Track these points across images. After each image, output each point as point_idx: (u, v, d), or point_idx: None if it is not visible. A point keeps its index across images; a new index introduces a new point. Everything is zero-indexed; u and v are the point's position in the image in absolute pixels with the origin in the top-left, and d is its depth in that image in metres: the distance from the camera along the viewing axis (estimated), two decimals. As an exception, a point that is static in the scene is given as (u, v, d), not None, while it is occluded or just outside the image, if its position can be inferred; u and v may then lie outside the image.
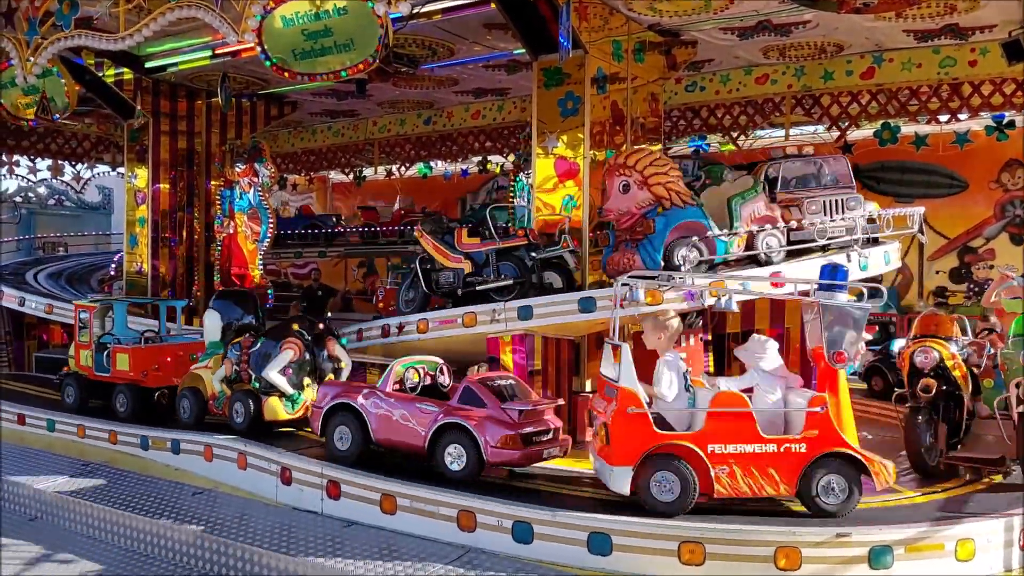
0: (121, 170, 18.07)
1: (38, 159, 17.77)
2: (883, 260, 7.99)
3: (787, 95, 12.52)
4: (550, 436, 6.47)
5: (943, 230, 13.22)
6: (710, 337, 9.00)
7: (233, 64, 11.83)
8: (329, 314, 16.40)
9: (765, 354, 5.96)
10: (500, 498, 5.69)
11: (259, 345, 8.14)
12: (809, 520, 5.29)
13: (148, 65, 12.37)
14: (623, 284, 6.42)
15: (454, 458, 6.32)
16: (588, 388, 8.51)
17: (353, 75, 7.88)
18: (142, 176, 13.07)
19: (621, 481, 5.45)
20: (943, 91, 11.43)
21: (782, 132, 13.50)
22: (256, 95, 13.98)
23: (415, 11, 6.87)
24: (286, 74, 8.06)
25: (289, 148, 18.12)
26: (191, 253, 13.54)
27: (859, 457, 5.37)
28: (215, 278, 13.10)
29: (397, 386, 7.01)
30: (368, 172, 18.65)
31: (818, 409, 5.42)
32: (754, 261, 7.64)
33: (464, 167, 17.65)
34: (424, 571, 5.38)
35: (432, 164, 18.03)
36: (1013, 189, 12.96)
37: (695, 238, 7.36)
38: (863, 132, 12.98)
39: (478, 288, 8.50)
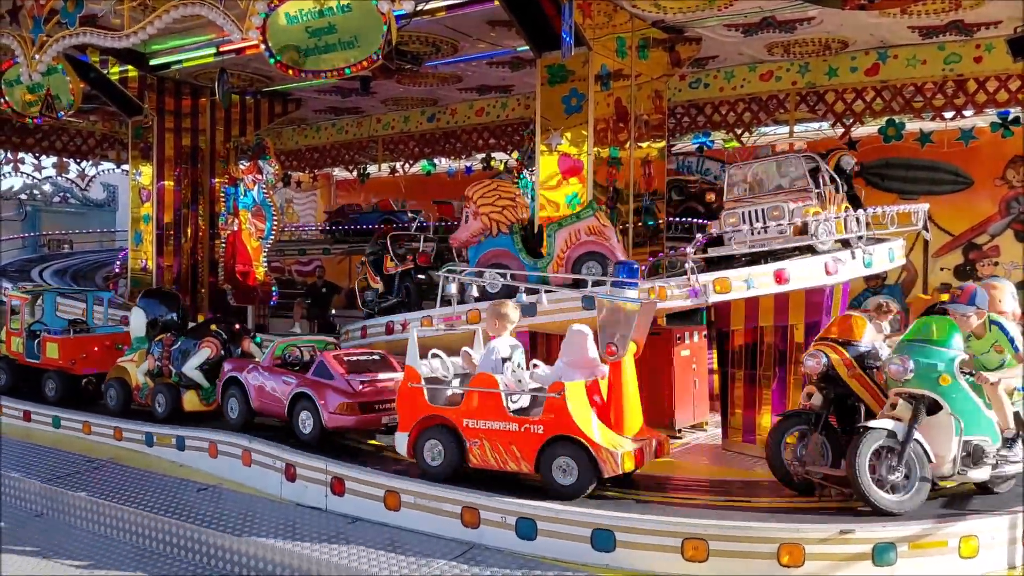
0: (126, 167, 18.14)
1: (43, 156, 17.83)
2: (887, 257, 7.97)
3: (791, 92, 12.50)
4: (391, 405, 7.05)
5: (948, 227, 13.18)
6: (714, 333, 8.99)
7: (237, 61, 11.85)
8: (334, 311, 16.47)
9: (572, 346, 6.14)
10: (504, 494, 5.69)
11: (179, 343, 8.81)
12: (814, 517, 5.29)
13: (153, 63, 12.41)
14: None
15: (303, 422, 7.22)
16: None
17: (357, 72, 7.88)
18: (147, 173, 13.10)
19: (401, 445, 6.32)
20: (948, 87, 11.40)
21: (786, 129, 13.52)
22: (260, 92, 14.00)
23: (419, 8, 6.86)
24: (290, 71, 8.08)
25: (293, 145, 18.14)
26: (196, 250, 13.57)
27: (586, 443, 5.65)
28: (219, 275, 13.20)
29: (278, 362, 7.95)
30: (372, 169, 18.66)
31: (555, 395, 5.74)
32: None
33: (468, 164, 17.64)
34: (428, 567, 5.40)
35: (436, 161, 18.03)
36: (1018, 186, 12.92)
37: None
38: (868, 129, 12.92)
39: (383, 306, 10.04)
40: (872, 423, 5.42)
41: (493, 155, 16.66)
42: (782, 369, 8.05)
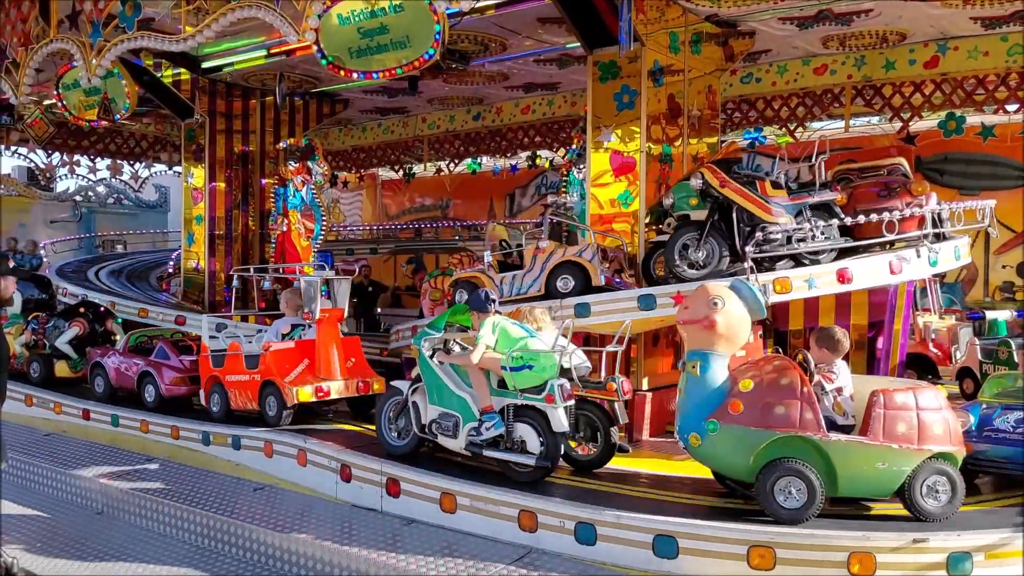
0: (178, 169, 18.46)
1: (98, 159, 18.21)
2: (953, 255, 7.70)
3: (847, 85, 12.21)
4: None
5: (1011, 223, 12.76)
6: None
7: (287, 63, 11.95)
8: (379, 310, 16.55)
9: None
10: (563, 498, 5.61)
11: (53, 321, 11.00)
12: (885, 524, 5.12)
13: (204, 65, 12.57)
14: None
15: (150, 395, 9.28)
16: (645, 386, 8.39)
17: (409, 72, 7.86)
18: (199, 175, 13.28)
19: (202, 399, 8.67)
20: (1011, 80, 11.03)
21: (841, 123, 13.21)
22: (308, 93, 14.10)
23: (473, 7, 6.80)
24: (342, 72, 8.07)
25: (340, 146, 18.26)
26: (246, 250, 13.72)
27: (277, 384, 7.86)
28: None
29: (131, 348, 9.88)
30: (417, 169, 18.71)
31: (264, 352, 8.10)
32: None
33: (513, 163, 17.59)
34: (485, 571, 5.34)
35: (480, 160, 18.01)
36: (1084, 182, 12.48)
37: None
38: (927, 123, 12.58)
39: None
40: (392, 383, 7.07)
41: (539, 153, 16.57)
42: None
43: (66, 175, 18.66)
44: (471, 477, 6.06)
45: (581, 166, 10.33)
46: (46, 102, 14.23)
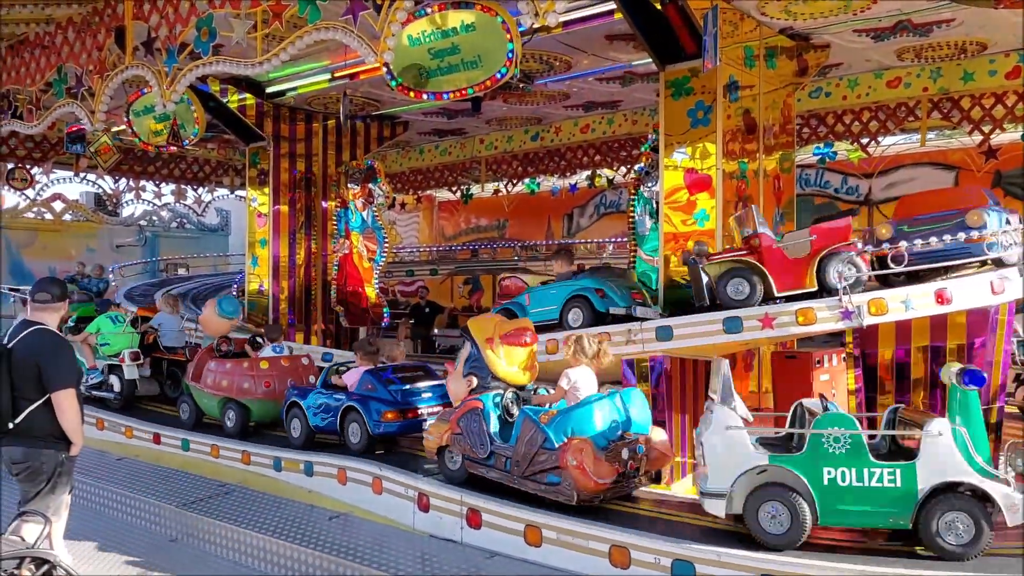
0: (240, 193, 18.72)
1: (162, 184, 18.56)
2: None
3: (922, 98, 11.81)
4: None
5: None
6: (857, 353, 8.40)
7: (350, 86, 11.99)
8: (436, 331, 16.47)
9: None
10: (658, 534, 5.34)
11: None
12: (935, 564, 4.71)
13: (269, 90, 12.69)
14: None
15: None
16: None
17: (479, 92, 7.74)
18: (263, 198, 13.37)
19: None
20: (1101, 90, 10.56)
21: (916, 138, 12.79)
22: (370, 116, 14.15)
23: (549, 24, 6.65)
24: (412, 94, 7.98)
25: (397, 168, 18.33)
26: (309, 272, 13.76)
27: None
28: (332, 296, 13.33)
29: None
30: (475, 189, 18.68)
31: None
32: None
33: (572, 182, 17.43)
34: (575, 608, 5.10)
35: (538, 180, 17.90)
36: None
37: None
38: (1009, 136, 12.09)
39: None
40: None
41: (599, 172, 16.39)
42: (933, 395, 7.46)
43: (132, 200, 19.05)
44: (556, 509, 5.82)
45: (650, 184, 10.11)
46: (114, 129, 14.52)
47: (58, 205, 21.05)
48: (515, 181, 17.83)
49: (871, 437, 5.11)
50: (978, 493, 4.69)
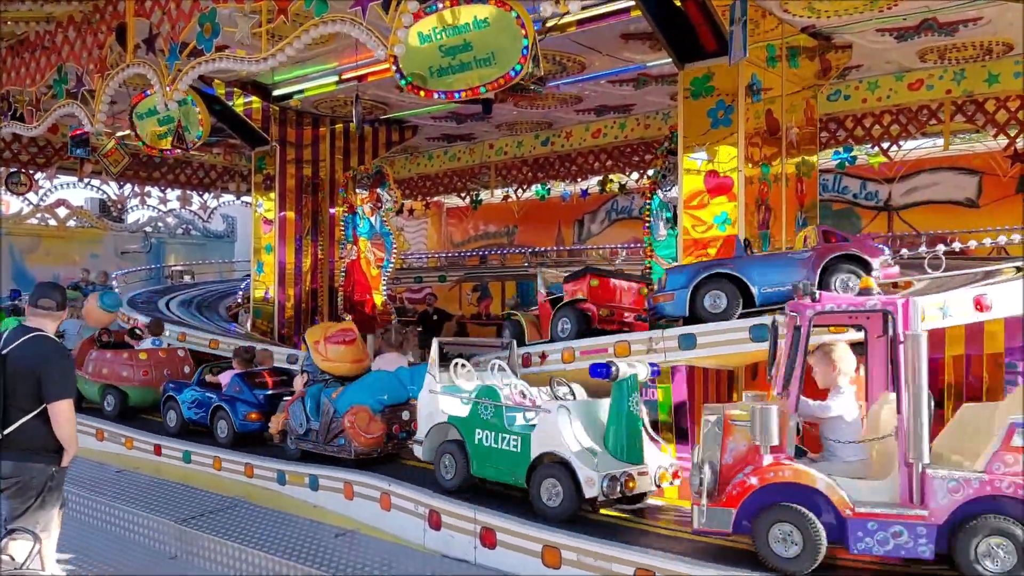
0: (246, 198, 18.48)
1: (168, 189, 18.32)
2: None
3: (946, 101, 11.49)
4: None
5: None
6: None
7: (358, 89, 11.72)
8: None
9: None
10: (680, 555, 5.00)
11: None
12: None
13: (275, 93, 12.45)
14: None
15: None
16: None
17: (492, 90, 7.43)
18: (268, 204, 13.11)
19: None
20: None
21: (938, 141, 12.47)
22: (378, 120, 13.89)
23: (555, 22, 6.36)
24: (422, 93, 7.68)
25: (405, 174, 18.08)
26: (315, 279, 13.49)
27: None
28: (338, 302, 13.04)
29: None
30: (484, 195, 18.40)
31: None
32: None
33: (583, 187, 17.14)
34: (596, 635, 4.77)
35: (549, 185, 17.62)
36: None
37: None
38: (1036, 138, 11.75)
39: None
40: None
41: (610, 177, 16.09)
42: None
43: (137, 206, 18.84)
44: (577, 529, 5.49)
45: (666, 188, 9.81)
46: (119, 133, 14.30)
47: (62, 211, 20.84)
48: (525, 186, 17.56)
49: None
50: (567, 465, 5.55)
